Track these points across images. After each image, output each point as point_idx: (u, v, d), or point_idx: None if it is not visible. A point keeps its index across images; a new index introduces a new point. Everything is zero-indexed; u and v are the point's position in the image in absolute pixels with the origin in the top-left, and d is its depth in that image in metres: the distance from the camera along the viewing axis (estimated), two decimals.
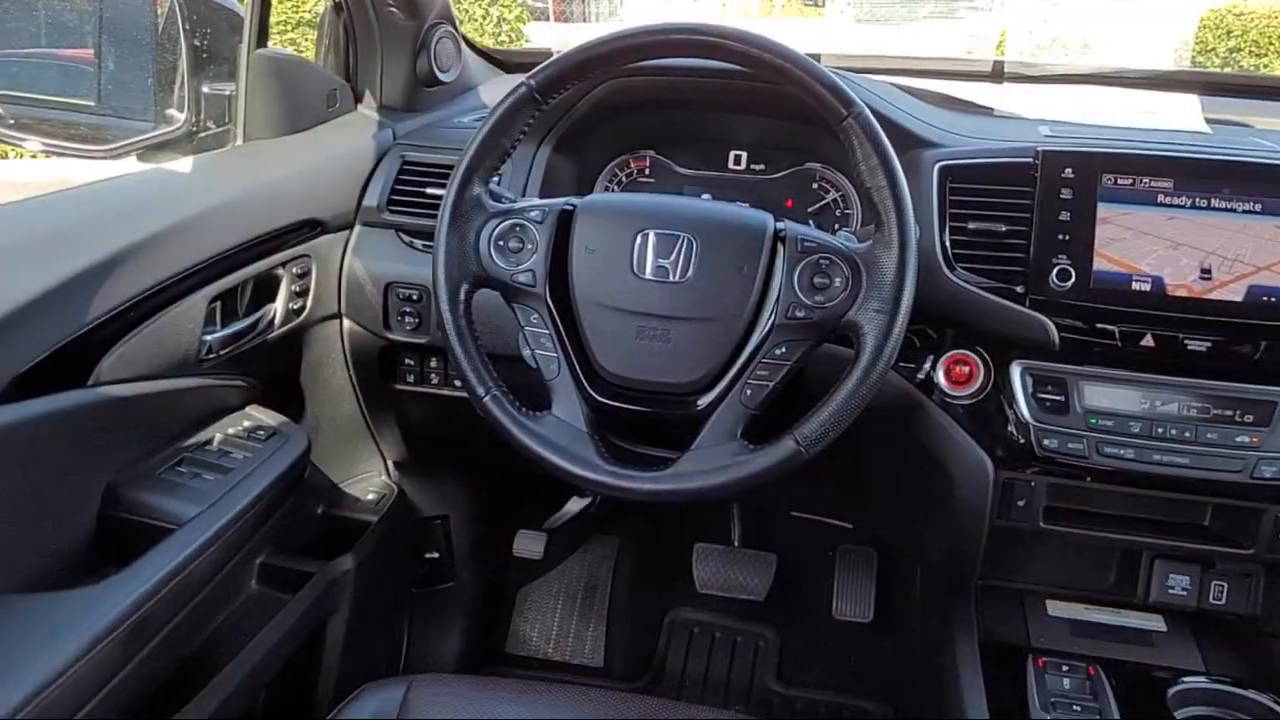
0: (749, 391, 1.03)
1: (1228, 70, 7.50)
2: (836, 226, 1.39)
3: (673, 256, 1.05)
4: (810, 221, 1.39)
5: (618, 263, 1.06)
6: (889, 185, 0.99)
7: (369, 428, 1.60)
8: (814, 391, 1.03)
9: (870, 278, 1.01)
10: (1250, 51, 7.92)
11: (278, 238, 1.28)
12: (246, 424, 1.24)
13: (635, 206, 1.11)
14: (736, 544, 1.96)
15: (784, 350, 1.03)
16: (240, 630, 1.20)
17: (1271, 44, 7.91)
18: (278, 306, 1.31)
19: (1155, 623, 1.31)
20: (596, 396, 1.07)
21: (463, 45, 1.65)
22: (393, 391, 1.48)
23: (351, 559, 1.39)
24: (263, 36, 1.41)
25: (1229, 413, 1.12)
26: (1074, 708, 1.13)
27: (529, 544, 1.75)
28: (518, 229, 1.08)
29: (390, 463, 1.68)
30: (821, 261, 1.02)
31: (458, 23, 1.64)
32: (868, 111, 1.01)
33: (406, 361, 1.46)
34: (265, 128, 1.42)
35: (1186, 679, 1.20)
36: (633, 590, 2.00)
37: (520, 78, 1.07)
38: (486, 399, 1.05)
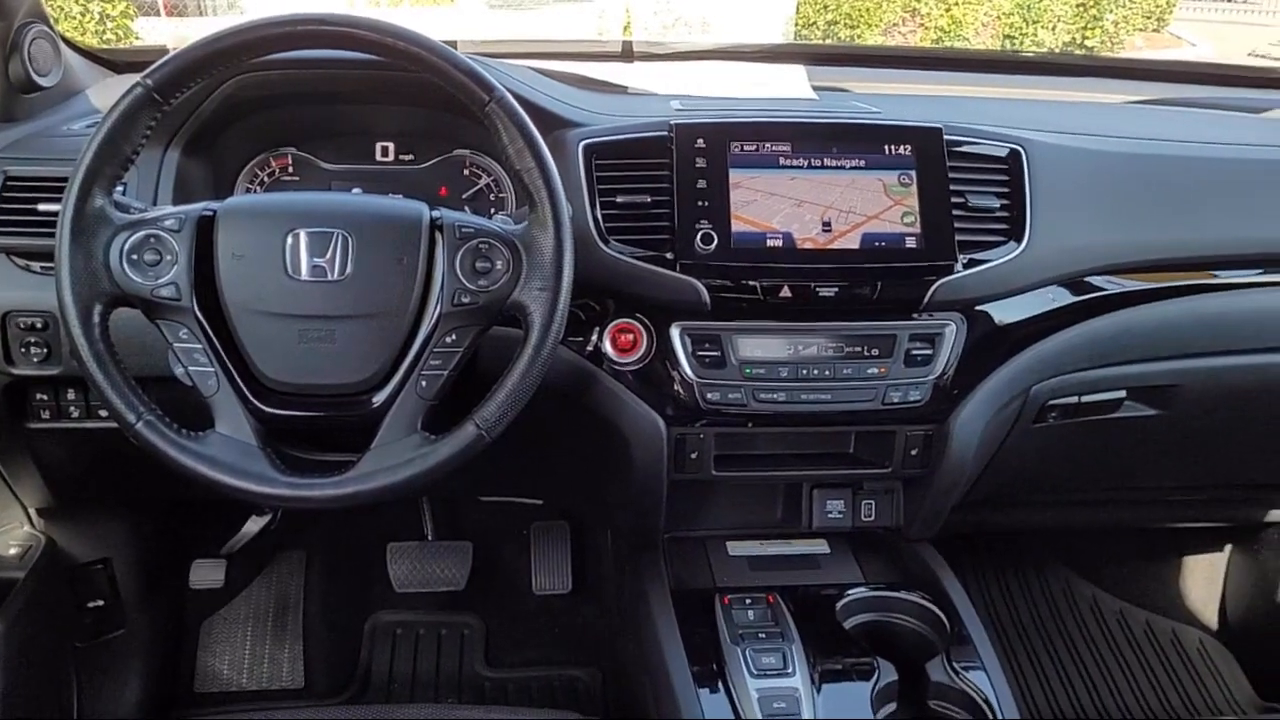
0: (424, 383, 1.03)
1: (828, 42, 8.25)
2: (492, 211, 1.40)
3: (328, 255, 1.02)
4: (466, 208, 1.39)
5: (269, 266, 1.02)
6: (538, 166, 1.02)
7: (1, 476, 1.43)
8: (489, 375, 1.04)
9: (530, 258, 1.03)
10: (845, 24, 8.75)
11: None
12: None
13: (282, 206, 1.06)
14: (430, 538, 1.95)
15: (454, 338, 1.03)
16: None
17: (863, 17, 8.78)
18: None
19: (820, 547, 1.43)
20: (263, 407, 1.02)
21: (62, 45, 1.49)
22: (25, 432, 1.33)
23: None
24: None
25: (859, 349, 1.25)
26: (759, 635, 1.22)
27: (207, 573, 1.65)
28: (153, 240, 1.00)
29: (32, 511, 1.52)
30: (481, 246, 1.03)
31: (53, 20, 1.49)
32: (509, 95, 1.03)
33: (39, 397, 1.31)
34: None
35: (850, 591, 1.32)
36: (327, 602, 1.93)
37: (135, 78, 1.00)
38: (139, 425, 0.98)
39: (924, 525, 1.40)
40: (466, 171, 1.42)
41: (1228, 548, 2.04)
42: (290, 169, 1.40)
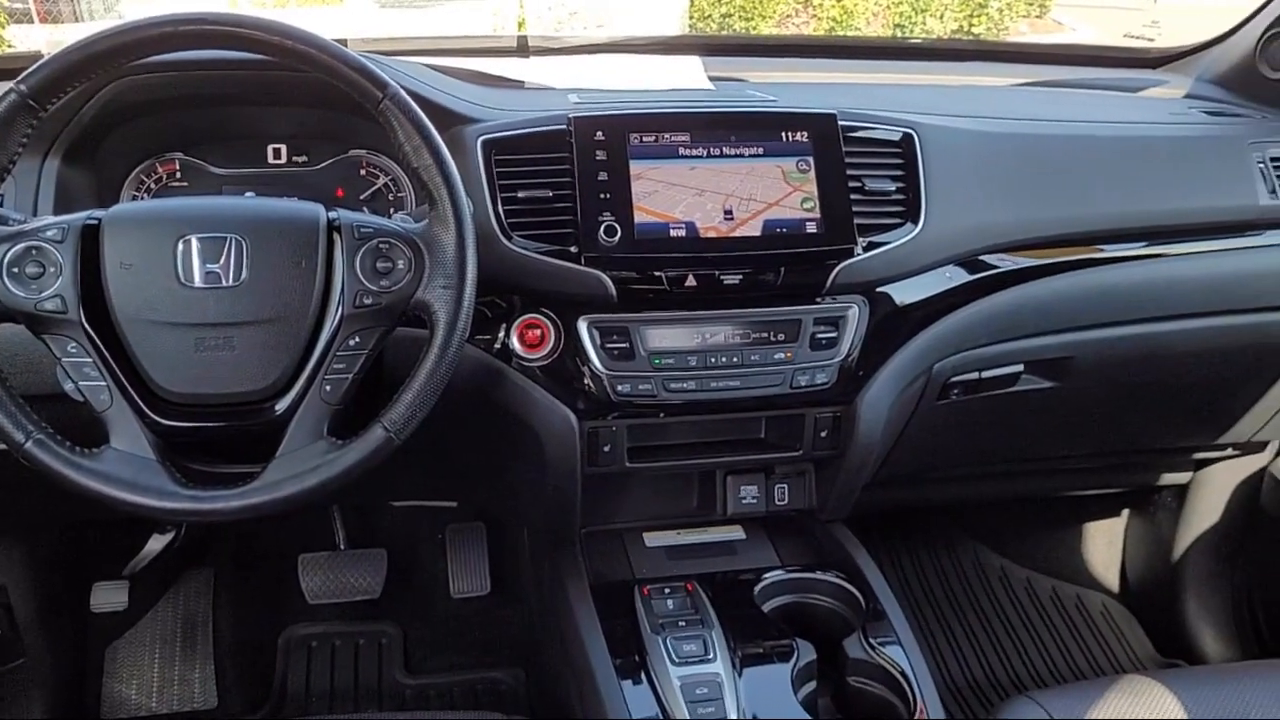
0: (328, 387, 1.00)
1: (724, 33, 8.34)
2: (392, 211, 1.38)
3: (222, 260, 0.99)
4: (364, 209, 1.37)
5: (161, 274, 0.98)
6: (436, 163, 1.01)
7: None
8: (396, 377, 1.03)
9: (432, 256, 1.02)
10: (740, 17, 8.85)
11: None
12: None
13: (171, 212, 1.03)
14: (342, 547, 1.91)
15: (358, 340, 1.01)
16: None
17: (757, 9, 8.88)
18: None
19: (736, 532, 1.45)
20: (160, 420, 0.99)
21: None
22: None
23: None
24: None
25: (765, 335, 1.27)
26: (680, 623, 1.22)
27: (109, 596, 1.59)
28: (34, 252, 0.96)
29: None
30: (381, 246, 1.01)
31: None
32: (403, 92, 1.01)
33: None
34: None
35: (767, 575, 1.34)
36: (237, 619, 1.88)
37: (8, 84, 0.95)
38: (29, 445, 0.94)
39: (836, 506, 1.43)
40: (363, 172, 1.39)
41: (1125, 512, 2.12)
42: (178, 175, 1.36)
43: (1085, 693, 1.21)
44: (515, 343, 1.24)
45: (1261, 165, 1.49)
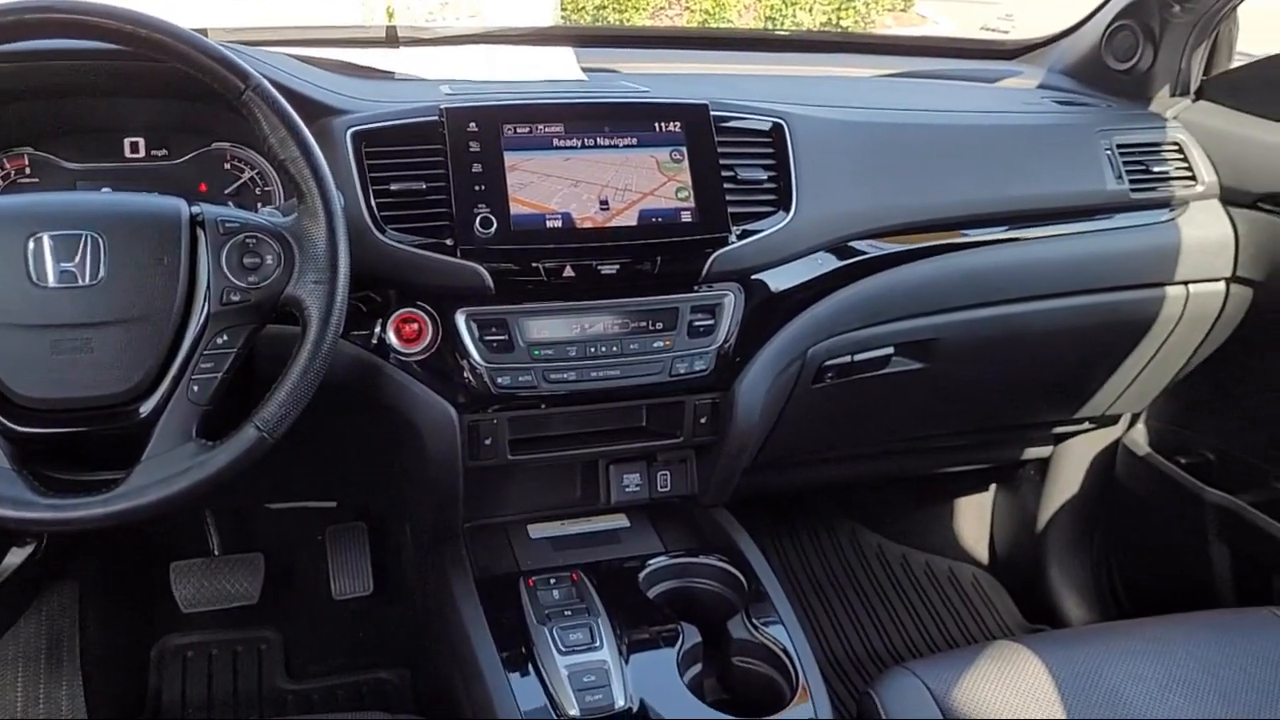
0: (196, 388, 0.98)
1: (597, 24, 8.34)
2: (259, 205, 1.34)
3: (78, 259, 0.95)
4: (230, 203, 1.33)
5: (11, 274, 0.94)
6: (303, 155, 0.99)
7: None
8: (268, 375, 1.00)
9: (302, 250, 0.99)
10: (614, 9, 8.87)
11: None
12: None
13: (19, 209, 0.98)
14: (217, 553, 1.85)
15: (226, 339, 0.99)
16: None
17: (631, 1, 8.92)
18: None
19: (620, 521, 1.46)
20: (15, 426, 0.95)
21: None
22: None
23: None
24: None
25: (644, 324, 1.28)
26: (565, 613, 1.23)
27: None
28: None
29: None
30: (248, 241, 0.99)
31: None
32: (266, 83, 0.99)
33: None
34: None
35: (651, 561, 1.35)
36: (106, 632, 1.81)
37: None
38: None
39: (718, 491, 1.45)
40: (228, 165, 1.35)
41: (992, 487, 2.21)
42: (27, 170, 1.29)
43: (957, 661, 1.26)
44: (392, 337, 1.22)
45: (1108, 152, 1.57)
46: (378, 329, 1.22)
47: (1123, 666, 1.24)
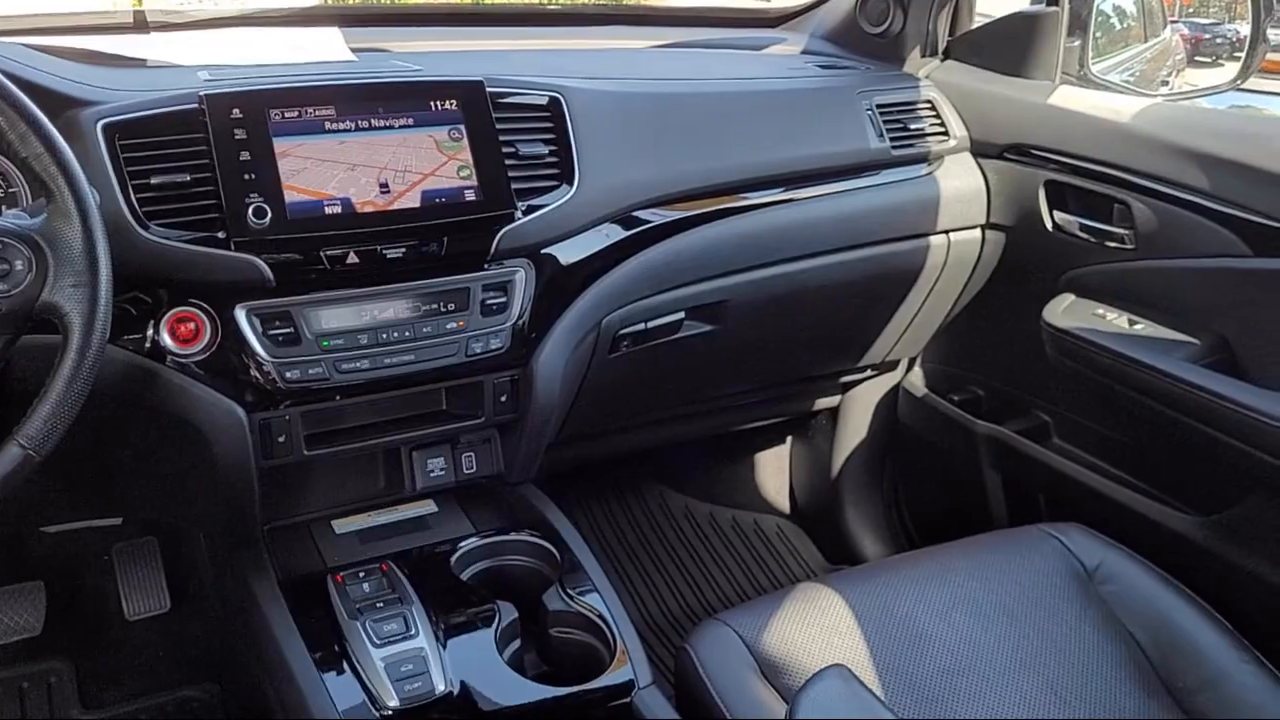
0: None
1: (364, 3, 8.08)
2: (3, 207, 1.24)
3: None
4: None
5: None
6: (48, 151, 0.92)
7: None
8: (30, 389, 0.94)
9: (56, 253, 0.93)
10: None
11: None
12: None
13: None
14: None
15: None
16: None
17: None
18: None
19: (428, 507, 1.44)
20: None
21: None
22: None
23: None
24: None
25: (435, 306, 1.26)
26: (378, 605, 1.20)
27: None
28: None
29: None
30: None
31: None
32: (1, 76, 0.91)
33: None
34: None
35: (462, 544, 1.35)
36: None
37: None
38: None
39: (524, 467, 1.45)
40: None
41: (789, 439, 2.30)
42: None
43: (764, 606, 1.32)
44: (167, 339, 1.16)
45: (869, 112, 1.66)
46: (150, 331, 1.16)
47: (912, 593, 1.33)
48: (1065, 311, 1.62)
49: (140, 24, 1.59)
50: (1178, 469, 1.58)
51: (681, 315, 1.55)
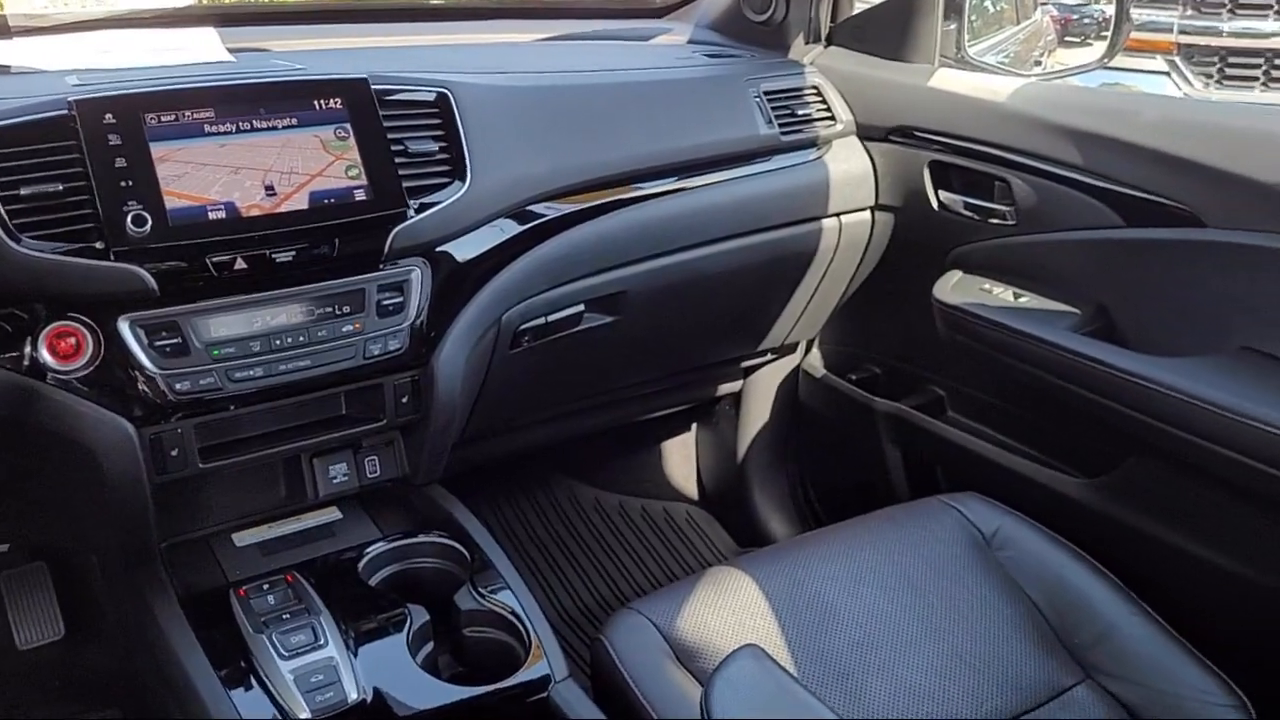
0: None
1: (240, 1, 7.87)
2: None
3: None
4: None
5: None
6: None
7: None
8: None
9: None
10: None
11: None
12: None
13: None
14: None
15: None
16: None
17: None
18: None
19: (332, 514, 1.41)
20: None
21: None
22: None
23: None
24: None
25: (330, 309, 1.24)
26: (284, 616, 1.18)
27: None
28: None
29: None
30: None
31: None
32: None
33: None
34: None
35: (370, 549, 1.33)
36: None
37: None
38: None
39: (429, 468, 1.43)
40: None
41: (694, 426, 2.32)
42: None
43: (676, 592, 1.33)
44: (46, 355, 1.11)
45: (757, 99, 1.68)
46: (28, 349, 1.11)
47: (820, 570, 1.36)
48: (954, 288, 1.66)
49: (2, 29, 1.52)
50: (1064, 435, 1.64)
51: (581, 308, 1.55)
